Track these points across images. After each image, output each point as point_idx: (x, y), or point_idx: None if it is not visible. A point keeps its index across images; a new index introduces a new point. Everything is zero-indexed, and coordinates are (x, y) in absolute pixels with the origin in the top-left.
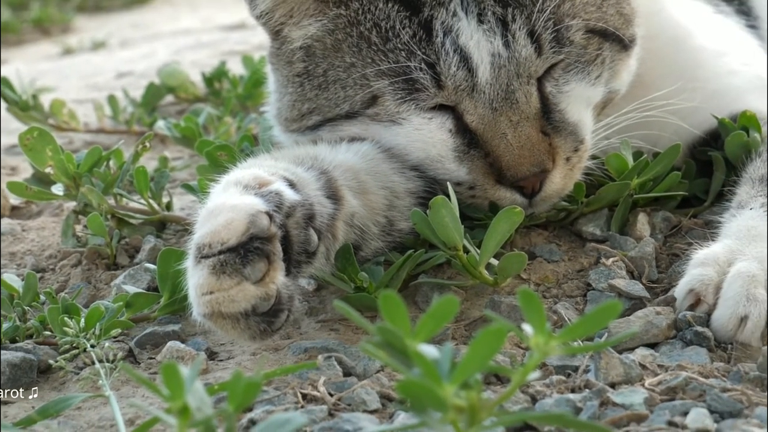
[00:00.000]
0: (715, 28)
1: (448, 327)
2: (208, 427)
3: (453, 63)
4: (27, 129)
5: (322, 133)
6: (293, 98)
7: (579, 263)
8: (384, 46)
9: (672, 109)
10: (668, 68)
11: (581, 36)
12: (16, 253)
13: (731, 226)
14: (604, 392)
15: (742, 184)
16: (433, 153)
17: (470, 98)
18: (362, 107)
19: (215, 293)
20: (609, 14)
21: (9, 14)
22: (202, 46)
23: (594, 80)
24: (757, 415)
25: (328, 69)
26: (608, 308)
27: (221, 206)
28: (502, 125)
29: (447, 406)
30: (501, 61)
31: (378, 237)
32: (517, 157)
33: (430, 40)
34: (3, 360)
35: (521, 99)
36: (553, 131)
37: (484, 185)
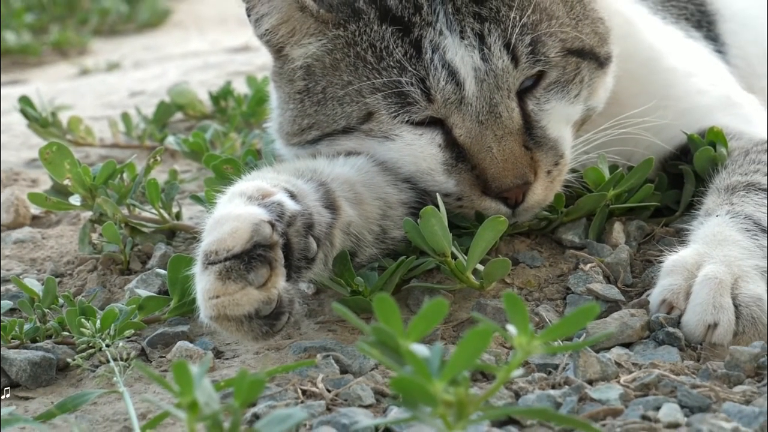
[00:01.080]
0: (686, 51)
1: (437, 328)
2: (216, 421)
3: (441, 77)
4: (46, 144)
5: (320, 147)
6: (294, 114)
7: (559, 269)
8: (378, 64)
9: (645, 126)
10: (642, 87)
11: (559, 54)
12: (37, 259)
13: (699, 233)
14: (582, 388)
15: (710, 194)
16: (424, 166)
17: (458, 111)
18: (358, 122)
19: (221, 297)
20: (585, 33)
21: (30, 37)
22: (210, 67)
23: (573, 99)
24: (724, 409)
25: (327, 87)
26: (586, 310)
27: (227, 216)
28: (487, 139)
29: (437, 401)
30: (481, 74)
31: (372, 244)
32: (502, 169)
33: (420, 56)
34: (24, 358)
35: (504, 113)
36: (535, 146)
37: (471, 196)
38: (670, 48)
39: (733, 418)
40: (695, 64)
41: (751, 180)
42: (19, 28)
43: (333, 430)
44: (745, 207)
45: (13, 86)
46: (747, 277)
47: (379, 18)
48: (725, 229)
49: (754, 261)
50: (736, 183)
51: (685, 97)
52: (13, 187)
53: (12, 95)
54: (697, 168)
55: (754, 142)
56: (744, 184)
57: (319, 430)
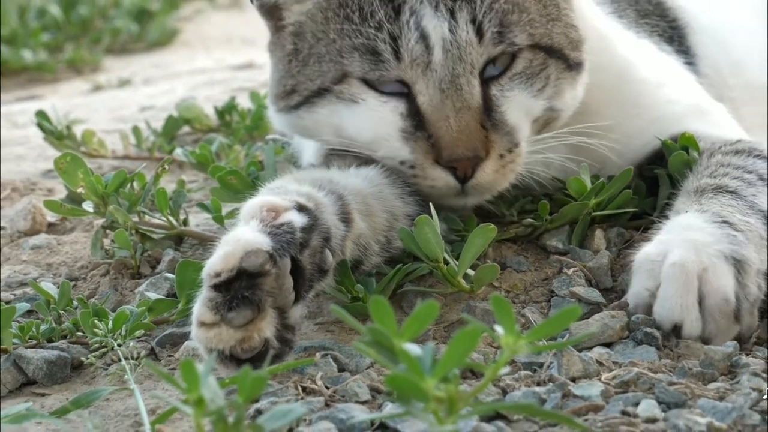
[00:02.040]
0: (658, 63)
1: (429, 328)
2: (221, 416)
3: (413, 38)
4: (61, 155)
5: (301, 113)
6: (281, 75)
7: (544, 273)
8: (361, 25)
9: (620, 133)
10: (615, 97)
11: (526, 44)
12: (52, 264)
13: (667, 226)
14: (565, 386)
15: (680, 196)
16: (383, 132)
17: (424, 76)
18: (332, 83)
19: (202, 327)
20: (555, 33)
21: (46, 55)
22: (215, 83)
23: (536, 92)
24: (699, 405)
25: (314, 45)
26: (569, 312)
27: (231, 240)
28: (446, 109)
29: (429, 397)
30: (447, 44)
31: (378, 254)
32: (455, 139)
33: (398, 18)
34: (40, 357)
35: (465, 87)
36: (492, 128)
37: (424, 164)
38: (642, 60)
39: (708, 414)
40: (666, 76)
41: (719, 183)
42: (35, 47)
43: (331, 424)
44: (712, 206)
45: (31, 101)
46: (714, 268)
47: None
48: (692, 220)
49: (718, 246)
50: (705, 186)
51: (657, 105)
52: (31, 196)
53: (29, 110)
54: (672, 171)
55: (721, 142)
56: (713, 186)
57: (318, 424)
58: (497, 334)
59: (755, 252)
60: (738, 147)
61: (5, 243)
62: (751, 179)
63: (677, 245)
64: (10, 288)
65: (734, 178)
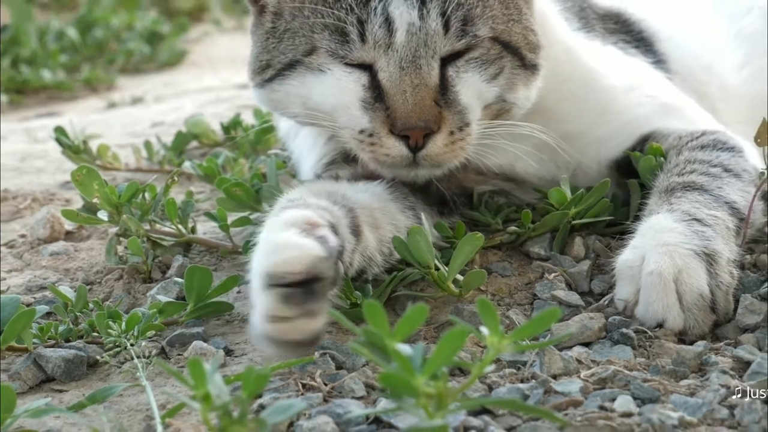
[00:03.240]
0: (624, 68)
1: (420, 329)
2: (226, 410)
3: (378, 23)
4: (78, 168)
5: (274, 86)
6: (258, 51)
7: (527, 278)
8: (333, 6)
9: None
10: (585, 106)
11: (486, 37)
12: (70, 269)
13: (640, 228)
14: (547, 382)
15: (652, 195)
16: (345, 100)
17: (385, 55)
18: (302, 55)
19: (280, 321)
20: (514, 32)
21: (64, 75)
22: (221, 101)
23: (489, 79)
24: (671, 401)
25: (289, 21)
26: (550, 314)
27: (287, 243)
28: (404, 84)
29: (419, 393)
30: (414, 29)
31: (380, 265)
32: (410, 111)
33: (368, 3)
34: (59, 356)
35: (424, 67)
36: (445, 105)
37: (380, 134)
38: (609, 68)
39: (679, 408)
40: (633, 78)
41: (687, 180)
42: (54, 67)
43: (329, 418)
44: (682, 205)
45: (50, 118)
46: (688, 269)
47: None
48: (662, 221)
49: (689, 245)
50: (674, 184)
51: (626, 110)
52: (49, 206)
53: (48, 126)
54: (642, 177)
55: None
56: (681, 184)
57: (317, 418)
58: (483, 335)
59: (724, 243)
60: (703, 141)
61: (26, 250)
62: (716, 172)
63: (651, 250)
64: (30, 291)
65: (701, 174)
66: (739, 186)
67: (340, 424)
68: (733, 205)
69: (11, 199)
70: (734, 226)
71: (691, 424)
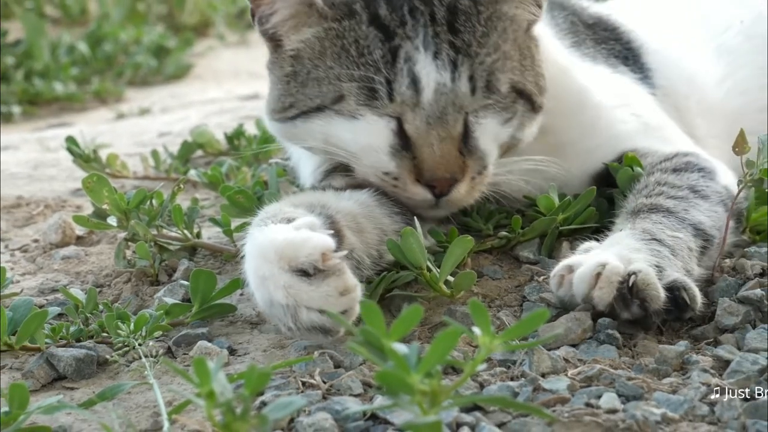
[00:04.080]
0: (612, 86)
1: (414, 330)
2: (229, 407)
3: (405, 84)
4: (88, 175)
5: (297, 123)
6: (280, 93)
7: (517, 280)
8: (359, 59)
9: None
10: (574, 121)
11: (505, 88)
12: (81, 272)
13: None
14: (536, 380)
15: (620, 215)
16: (375, 144)
17: (412, 111)
18: (330, 103)
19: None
20: (528, 80)
21: (75, 87)
22: (225, 112)
23: (504, 122)
24: (655, 398)
25: (312, 69)
26: (539, 315)
27: (310, 237)
28: (431, 137)
29: (414, 391)
30: (444, 89)
31: (370, 267)
32: (438, 163)
33: (394, 63)
34: (70, 355)
35: (451, 122)
36: (467, 153)
37: (406, 180)
38: (598, 86)
39: (662, 405)
40: (619, 98)
41: (653, 202)
42: (66, 80)
43: (328, 415)
44: (644, 224)
45: (61, 128)
46: (635, 262)
47: (368, 21)
48: (621, 237)
49: (642, 255)
50: (641, 206)
51: (610, 126)
52: (61, 212)
53: (60, 136)
54: (621, 187)
55: (662, 158)
56: (648, 206)
57: (316, 415)
58: (475, 335)
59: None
60: (676, 163)
61: (39, 254)
62: (684, 195)
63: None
64: (43, 294)
65: (669, 197)
66: (706, 207)
67: (339, 421)
68: (698, 226)
69: (25, 205)
70: (698, 246)
71: (673, 420)
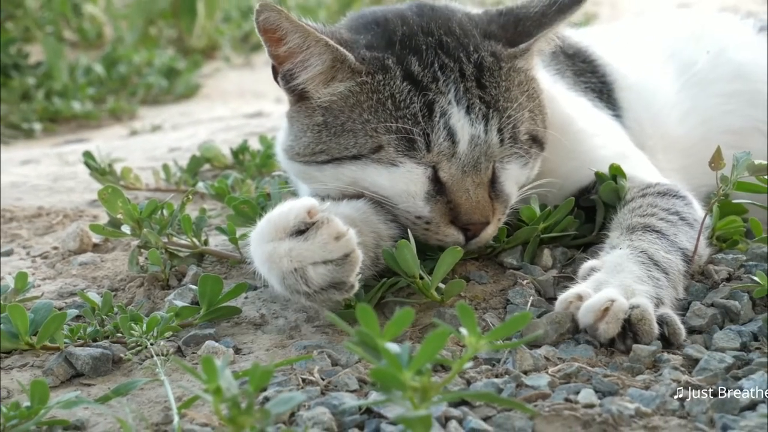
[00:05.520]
0: (592, 117)
1: (406, 331)
2: (235, 402)
3: (442, 136)
4: (104, 188)
5: (325, 167)
6: (309, 141)
7: (501, 285)
8: (396, 112)
9: (561, 172)
10: (558, 145)
11: (524, 137)
12: (97, 277)
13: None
14: (519, 377)
15: (613, 229)
16: (412, 190)
17: (448, 161)
18: (369, 153)
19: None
20: (539, 126)
21: (91, 106)
22: (231, 129)
23: (523, 166)
24: (629, 394)
25: (346, 121)
26: (521, 317)
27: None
28: (467, 183)
29: (406, 387)
30: (478, 141)
31: (369, 268)
32: (474, 208)
33: (431, 117)
34: (87, 354)
35: (483, 170)
36: (495, 197)
37: (439, 223)
38: (580, 115)
39: (636, 401)
40: (598, 127)
41: (647, 222)
42: (83, 99)
43: (326, 409)
44: (642, 245)
45: (79, 144)
46: (638, 295)
47: (402, 77)
48: (623, 260)
49: (644, 288)
50: (636, 224)
51: (591, 151)
52: (79, 222)
53: (78, 151)
54: (603, 197)
55: (646, 184)
56: (642, 225)
57: (315, 409)
58: (462, 335)
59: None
60: (661, 189)
61: (58, 260)
62: (673, 220)
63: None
64: (62, 297)
65: (660, 219)
66: (691, 234)
67: (336, 415)
68: (686, 252)
69: (45, 215)
70: (684, 270)
71: (646, 414)
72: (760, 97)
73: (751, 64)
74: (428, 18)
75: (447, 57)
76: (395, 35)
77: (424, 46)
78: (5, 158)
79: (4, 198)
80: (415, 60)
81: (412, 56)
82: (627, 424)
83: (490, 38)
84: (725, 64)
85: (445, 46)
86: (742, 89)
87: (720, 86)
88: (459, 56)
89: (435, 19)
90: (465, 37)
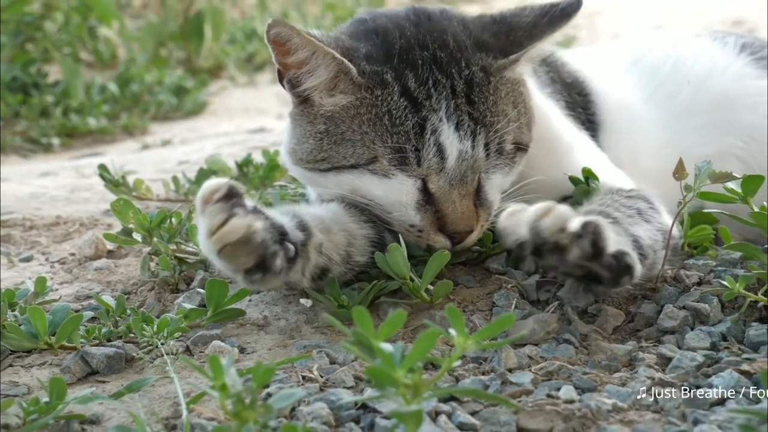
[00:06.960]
0: (576, 135)
1: (399, 331)
2: (239, 398)
3: (432, 152)
4: (116, 199)
5: (328, 175)
6: (312, 148)
7: (488, 288)
8: (392, 128)
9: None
10: (548, 156)
11: (510, 148)
12: (111, 282)
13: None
14: (504, 375)
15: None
16: (404, 200)
17: (436, 174)
18: (364, 163)
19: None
20: (524, 134)
21: (106, 122)
22: (236, 143)
23: (507, 173)
24: (606, 390)
25: (346, 131)
26: (506, 319)
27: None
28: (453, 195)
29: (399, 384)
30: (466, 156)
31: (340, 264)
32: (459, 218)
33: (422, 134)
34: (101, 353)
35: (469, 182)
36: (480, 206)
37: (429, 231)
38: (566, 132)
39: (613, 396)
40: (580, 144)
41: (604, 210)
42: (98, 115)
43: (324, 405)
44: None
45: (94, 157)
46: (589, 215)
47: (399, 92)
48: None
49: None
50: (592, 209)
51: (572, 164)
52: (94, 230)
53: (93, 164)
54: (578, 200)
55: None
56: (597, 211)
57: (314, 405)
58: (451, 336)
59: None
60: (631, 193)
61: (75, 265)
62: (630, 213)
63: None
64: (78, 300)
65: (617, 210)
66: (648, 228)
67: (334, 409)
68: (637, 240)
69: (63, 223)
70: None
71: (622, 409)
72: (738, 123)
73: (732, 90)
74: (424, 30)
75: (440, 73)
76: (393, 48)
77: (420, 61)
78: (25, 171)
79: (25, 208)
80: (411, 75)
81: (409, 71)
82: (605, 418)
83: (482, 48)
84: (705, 94)
85: (439, 61)
86: (721, 118)
87: (700, 119)
88: (451, 72)
89: (431, 32)
90: (458, 51)
